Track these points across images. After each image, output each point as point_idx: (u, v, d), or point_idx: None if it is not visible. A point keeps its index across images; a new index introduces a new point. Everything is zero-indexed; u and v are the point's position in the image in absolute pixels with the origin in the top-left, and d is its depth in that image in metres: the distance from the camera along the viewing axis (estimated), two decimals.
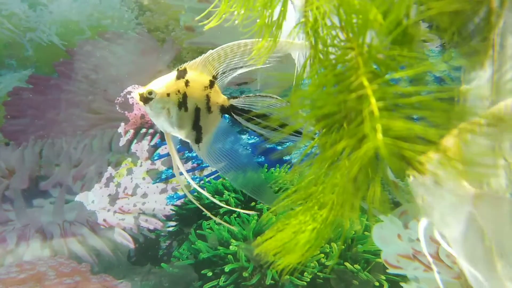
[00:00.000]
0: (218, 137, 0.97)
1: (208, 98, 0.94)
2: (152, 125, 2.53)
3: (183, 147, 2.34)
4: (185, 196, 2.12)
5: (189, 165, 2.33)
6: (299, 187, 0.74)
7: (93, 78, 2.58)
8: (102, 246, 1.86)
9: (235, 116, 0.97)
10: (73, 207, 2.01)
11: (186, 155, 2.33)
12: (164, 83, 0.92)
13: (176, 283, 1.74)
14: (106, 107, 2.55)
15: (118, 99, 2.53)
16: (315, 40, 0.62)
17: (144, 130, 2.43)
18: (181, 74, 0.92)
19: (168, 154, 2.33)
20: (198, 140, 0.96)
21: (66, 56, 2.65)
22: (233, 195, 1.93)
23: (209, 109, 0.94)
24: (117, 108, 2.52)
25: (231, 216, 1.84)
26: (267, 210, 1.81)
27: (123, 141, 2.33)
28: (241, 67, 0.94)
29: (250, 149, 2.25)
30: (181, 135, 0.96)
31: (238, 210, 1.09)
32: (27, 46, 2.69)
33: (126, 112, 2.52)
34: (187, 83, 0.92)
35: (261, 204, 1.83)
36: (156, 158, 2.31)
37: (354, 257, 1.76)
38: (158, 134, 2.44)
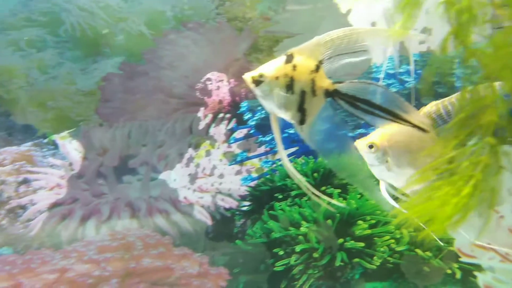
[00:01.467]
0: (321, 120, 0.99)
1: (313, 82, 0.96)
2: (228, 110, 2.58)
3: (257, 131, 2.37)
4: (258, 177, 2.16)
5: (262, 149, 2.36)
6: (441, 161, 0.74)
7: (176, 65, 2.66)
8: (183, 221, 1.95)
9: (338, 100, 0.98)
10: (158, 184, 2.11)
11: (260, 139, 2.37)
12: (274, 67, 0.95)
13: (250, 259, 1.78)
14: (187, 93, 2.64)
15: (198, 85, 2.61)
16: None
17: (221, 114, 2.49)
18: (289, 59, 0.94)
19: (243, 138, 2.37)
20: (301, 122, 0.98)
21: (152, 45, 2.76)
22: (304, 178, 1.94)
23: (314, 92, 0.96)
24: (197, 93, 2.60)
25: (302, 199, 1.85)
26: (338, 194, 1.80)
27: (202, 125, 2.40)
28: (347, 53, 0.95)
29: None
30: (286, 116, 0.99)
31: (325, 198, 1.09)
32: (119, 35, 2.82)
33: (205, 97, 2.59)
34: (294, 67, 0.93)
35: (331, 188, 1.83)
36: (232, 141, 2.37)
37: (425, 244, 1.71)
38: (234, 119, 2.49)
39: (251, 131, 2.30)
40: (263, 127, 2.30)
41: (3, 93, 2.82)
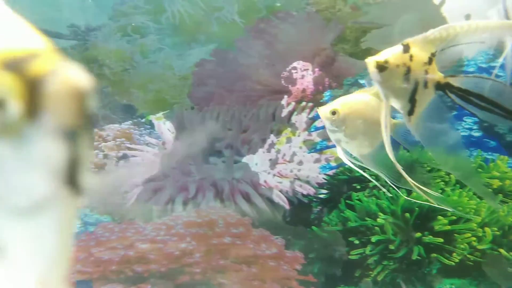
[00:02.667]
0: (429, 112, 0.97)
1: (426, 73, 0.94)
2: (311, 99, 2.56)
3: None
4: (337, 167, 2.13)
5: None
6: None
7: (264, 53, 2.68)
8: (262, 204, 1.98)
9: (449, 93, 0.96)
10: (240, 167, 2.15)
11: None
12: (395, 56, 0.94)
13: (325, 246, 1.78)
14: (273, 80, 2.65)
15: (283, 74, 2.61)
16: None
17: (304, 103, 2.48)
18: (406, 49, 0.93)
19: (324, 127, 2.35)
20: (410, 112, 0.97)
21: (243, 33, 2.79)
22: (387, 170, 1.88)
23: (425, 84, 0.95)
24: (282, 81, 2.60)
25: (380, 191, 1.81)
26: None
27: (285, 112, 2.41)
28: (457, 46, 0.93)
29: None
30: (397, 104, 0.98)
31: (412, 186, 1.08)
32: (214, 24, 2.89)
33: (289, 85, 2.59)
34: (411, 57, 0.93)
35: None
36: (312, 130, 2.35)
37: (510, 244, 1.61)
38: (316, 108, 2.46)
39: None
40: None
41: (110, 75, 3.02)
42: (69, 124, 0.26)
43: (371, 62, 0.93)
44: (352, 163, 1.27)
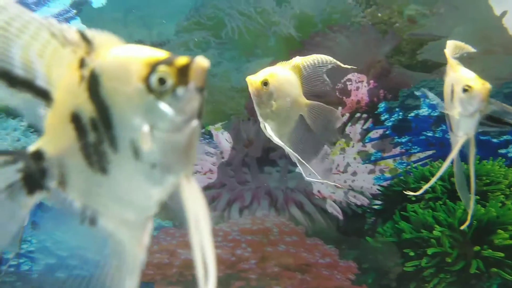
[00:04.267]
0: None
1: None
2: (366, 110, 2.52)
3: (393, 132, 2.29)
4: (392, 178, 2.08)
5: (398, 150, 2.27)
6: None
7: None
8: (316, 214, 1.97)
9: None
10: (294, 177, 2.16)
11: (395, 140, 2.28)
12: None
13: (379, 257, 1.74)
14: (327, 92, 2.63)
15: (338, 85, 2.59)
16: None
17: (358, 114, 2.45)
18: None
19: (378, 138, 2.31)
20: None
21: (300, 46, 2.80)
22: (439, 182, 1.82)
23: None
24: (337, 93, 2.59)
25: (437, 203, 1.75)
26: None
27: (339, 123, 2.39)
28: None
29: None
30: None
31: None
32: (271, 38, 2.92)
33: (344, 97, 2.57)
34: None
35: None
36: (367, 141, 2.31)
37: None
38: (371, 119, 2.43)
39: (387, 132, 2.22)
40: (400, 128, 2.21)
41: None
42: (200, 85, 0.51)
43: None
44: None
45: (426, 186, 1.20)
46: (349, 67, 1.15)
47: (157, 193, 0.54)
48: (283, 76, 1.11)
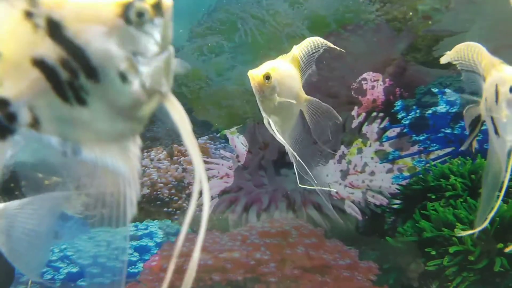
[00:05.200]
0: None
1: None
2: (382, 109, 2.50)
3: (410, 130, 2.26)
4: (410, 177, 2.05)
5: (415, 148, 2.24)
6: None
7: (334, 66, 2.66)
8: (334, 215, 1.96)
9: None
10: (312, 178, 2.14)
11: (413, 138, 2.25)
12: None
13: (400, 256, 1.72)
14: (343, 92, 2.62)
15: (353, 85, 2.57)
16: None
17: (374, 113, 2.42)
18: None
19: (395, 137, 2.28)
20: None
21: None
22: (459, 179, 1.79)
23: None
24: (352, 93, 2.57)
25: (457, 201, 1.72)
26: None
27: (355, 123, 2.37)
28: None
29: None
30: None
31: None
32: (284, 40, 2.91)
33: (360, 96, 2.55)
34: None
35: None
36: (384, 140, 2.29)
37: None
38: (387, 118, 2.40)
39: (404, 130, 2.20)
40: (417, 126, 2.18)
41: (188, 93, 3.14)
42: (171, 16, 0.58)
43: None
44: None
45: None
46: (338, 48, 1.15)
47: (143, 110, 0.58)
48: (284, 69, 1.11)
